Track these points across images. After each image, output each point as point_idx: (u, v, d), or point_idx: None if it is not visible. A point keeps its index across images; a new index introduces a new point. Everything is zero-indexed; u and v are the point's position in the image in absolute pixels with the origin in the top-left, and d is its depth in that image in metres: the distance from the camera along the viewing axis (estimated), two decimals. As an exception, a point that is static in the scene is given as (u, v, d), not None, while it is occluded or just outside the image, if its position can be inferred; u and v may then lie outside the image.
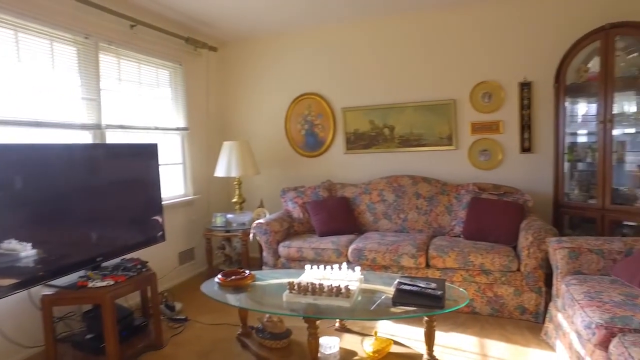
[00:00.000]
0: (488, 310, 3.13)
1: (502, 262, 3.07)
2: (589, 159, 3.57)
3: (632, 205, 3.24)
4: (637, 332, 1.84)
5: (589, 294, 2.20)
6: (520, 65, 3.90)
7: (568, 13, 3.71)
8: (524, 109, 3.92)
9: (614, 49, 3.21)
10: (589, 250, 2.57)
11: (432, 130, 4.24)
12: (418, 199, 3.98)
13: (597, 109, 3.37)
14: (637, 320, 1.89)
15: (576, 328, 2.21)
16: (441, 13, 4.10)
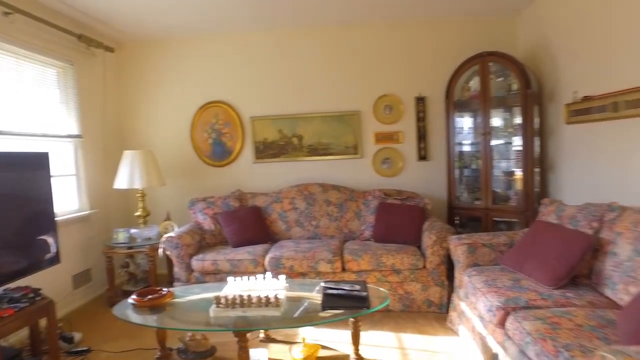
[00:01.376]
0: (400, 306, 3.39)
1: (411, 261, 3.35)
2: (473, 166, 4.10)
3: (506, 204, 3.81)
4: (524, 309, 2.17)
5: (487, 282, 2.53)
6: (416, 81, 4.33)
7: (455, 39, 4.26)
8: (419, 121, 4.35)
9: (488, 73, 3.76)
10: (482, 245, 2.95)
11: (339, 140, 4.45)
12: (329, 206, 4.14)
13: (478, 123, 3.91)
14: (523, 299, 2.24)
15: (479, 313, 2.52)
16: (346, 30, 4.35)
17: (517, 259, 2.69)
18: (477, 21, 4.25)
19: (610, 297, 2.21)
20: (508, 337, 2.15)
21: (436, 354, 2.70)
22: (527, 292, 2.31)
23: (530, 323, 1.97)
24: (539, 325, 1.92)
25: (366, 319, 3.24)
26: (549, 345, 1.77)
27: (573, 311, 2.03)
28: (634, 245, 2.11)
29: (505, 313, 2.21)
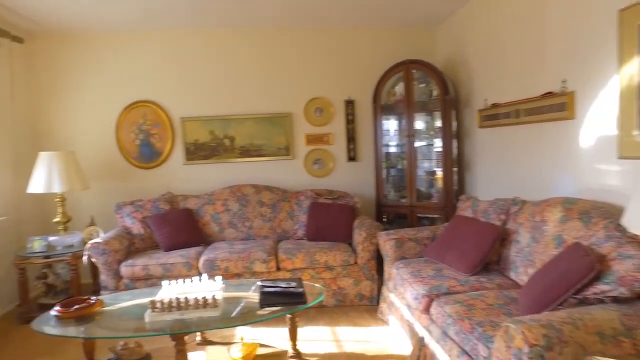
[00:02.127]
0: (334, 301, 3.53)
1: (343, 257, 3.51)
2: (399, 166, 4.38)
3: (429, 201, 4.13)
4: (446, 295, 2.41)
5: (413, 273, 2.75)
6: (346, 85, 4.52)
7: (382, 47, 4.52)
8: (349, 123, 4.55)
9: (412, 79, 4.05)
10: (409, 240, 3.19)
11: (271, 141, 4.51)
12: (262, 207, 4.18)
13: (402, 126, 4.20)
14: (445, 287, 2.48)
15: (407, 302, 2.74)
16: (279, 32, 4.42)
17: (439, 250, 2.95)
18: (401, 31, 4.55)
19: (514, 279, 2.53)
20: (432, 321, 2.37)
21: (369, 343, 2.87)
22: (448, 280, 2.56)
23: (450, 307, 2.20)
24: (458, 308, 2.15)
25: (302, 315, 3.33)
26: (466, 324, 1.99)
27: (485, 293, 2.30)
28: (532, 233, 2.44)
29: (430, 300, 2.43)
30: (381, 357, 2.69)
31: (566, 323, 1.50)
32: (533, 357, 1.44)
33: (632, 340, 1.47)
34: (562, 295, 1.74)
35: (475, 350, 1.90)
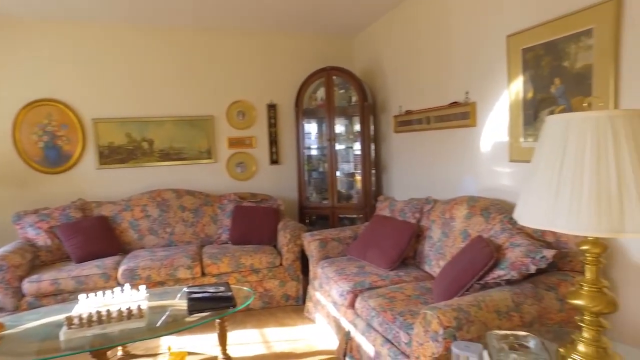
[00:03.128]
0: (260, 304, 3.57)
1: (268, 259, 3.56)
2: (321, 169, 4.54)
3: (349, 202, 4.34)
4: (369, 290, 2.58)
5: (338, 271, 2.90)
6: (268, 89, 4.57)
7: (304, 52, 4.65)
8: (271, 126, 4.61)
9: (333, 85, 4.23)
10: (332, 239, 3.34)
11: (192, 145, 4.40)
12: (184, 212, 4.07)
13: (323, 130, 4.37)
14: (367, 282, 2.66)
15: (332, 299, 2.87)
16: (201, 34, 4.33)
17: (360, 249, 3.13)
18: (323, 38, 4.72)
19: (428, 271, 2.80)
20: (357, 315, 2.53)
21: (297, 342, 2.96)
22: (370, 275, 2.75)
23: (374, 300, 2.37)
24: (381, 301, 2.33)
25: (229, 319, 3.32)
26: (389, 315, 2.17)
27: (404, 286, 2.52)
28: (442, 229, 2.72)
29: (354, 295, 2.59)
30: (309, 354, 2.80)
31: (472, 305, 1.73)
32: (447, 337, 1.64)
33: (519, 314, 1.75)
34: (469, 282, 1.99)
35: (397, 338, 2.08)
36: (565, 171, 1.24)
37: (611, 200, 1.16)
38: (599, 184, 1.18)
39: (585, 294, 1.35)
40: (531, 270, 1.84)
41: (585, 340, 1.37)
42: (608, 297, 1.34)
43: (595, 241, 1.33)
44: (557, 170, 1.26)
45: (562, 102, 2.23)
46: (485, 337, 1.58)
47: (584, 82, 2.09)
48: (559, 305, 1.84)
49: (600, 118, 1.22)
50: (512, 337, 1.55)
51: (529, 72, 2.42)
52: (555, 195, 1.25)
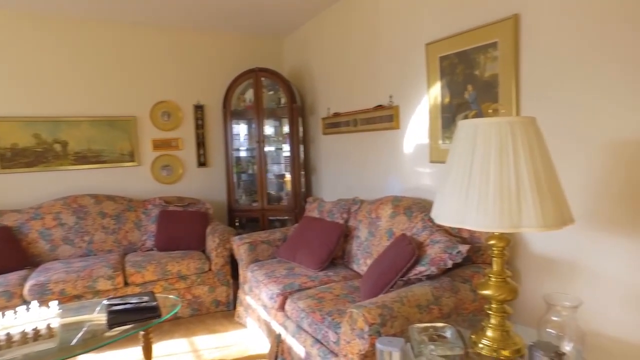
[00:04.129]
0: (189, 312, 3.44)
1: (196, 265, 3.45)
2: (250, 171, 4.49)
3: (279, 204, 4.34)
4: (298, 291, 2.60)
5: (267, 274, 2.89)
6: (195, 89, 4.43)
7: (232, 53, 4.56)
8: (198, 128, 4.46)
9: (261, 86, 4.20)
10: (262, 242, 3.32)
11: (112, 147, 4.13)
12: (104, 219, 3.81)
13: (253, 131, 4.32)
14: (297, 284, 2.68)
15: (263, 302, 2.85)
16: (122, 29, 4.07)
17: (290, 250, 3.15)
18: (251, 38, 4.66)
19: (356, 270, 2.88)
20: (287, 317, 2.53)
21: (228, 348, 2.90)
22: (300, 277, 2.77)
23: (303, 302, 2.39)
24: (310, 302, 2.35)
25: (155, 330, 3.17)
26: (318, 315, 2.21)
27: (333, 286, 2.57)
28: (369, 228, 2.82)
29: (284, 298, 2.59)
30: (241, 359, 2.75)
31: (395, 302, 1.81)
32: (372, 334, 1.70)
33: (438, 307, 1.87)
34: (393, 279, 2.08)
35: (326, 338, 2.12)
36: (474, 173, 1.34)
37: (511, 199, 1.28)
38: (501, 184, 1.30)
39: (492, 285, 1.48)
40: (448, 265, 1.97)
41: (492, 326, 1.50)
42: (511, 286, 1.47)
43: (500, 236, 1.46)
44: (468, 172, 1.36)
45: (474, 107, 2.41)
46: (407, 331, 1.67)
47: (492, 89, 2.28)
48: (473, 296, 1.99)
49: (501, 124, 1.34)
50: (432, 329, 1.65)
51: (445, 78, 2.59)
52: (465, 195, 1.35)
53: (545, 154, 1.35)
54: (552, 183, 1.33)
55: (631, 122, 1.73)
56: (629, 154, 1.74)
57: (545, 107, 2.04)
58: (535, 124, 1.38)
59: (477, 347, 1.51)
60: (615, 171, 1.80)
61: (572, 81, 1.92)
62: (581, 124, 1.90)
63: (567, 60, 1.93)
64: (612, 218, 1.82)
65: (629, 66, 1.71)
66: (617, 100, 1.77)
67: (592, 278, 1.90)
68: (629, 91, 1.73)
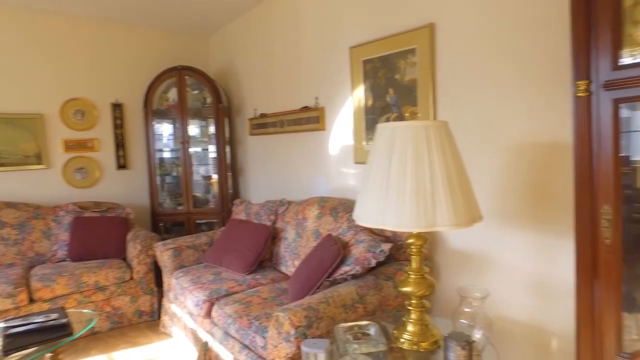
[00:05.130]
0: (108, 325, 3.20)
1: (116, 274, 3.22)
2: (175, 173, 4.29)
3: (206, 207, 4.20)
4: (225, 297, 2.53)
5: (193, 280, 2.78)
6: (112, 86, 4.12)
7: (153, 49, 4.32)
8: (117, 128, 4.17)
9: (185, 85, 4.03)
10: (187, 247, 3.18)
11: (15, 148, 3.72)
12: (3, 229, 3.42)
13: (177, 132, 4.14)
14: (224, 289, 2.61)
15: (188, 310, 2.74)
16: (28, 15, 3.66)
17: (216, 255, 3.05)
18: (174, 35, 4.45)
19: (284, 272, 2.87)
20: (214, 324, 2.45)
21: (151, 361, 2.75)
22: (227, 282, 2.69)
23: (230, 307, 2.33)
24: (237, 307, 2.30)
25: (68, 349, 2.91)
26: (245, 320, 2.16)
27: (261, 289, 2.53)
28: (296, 230, 2.82)
29: (211, 304, 2.51)
30: (165, 371, 2.63)
31: (321, 302, 1.82)
32: (298, 337, 1.70)
33: (363, 305, 1.92)
34: (319, 280, 2.10)
35: (254, 343, 2.08)
36: (392, 175, 1.39)
37: (427, 199, 1.34)
38: (417, 186, 1.35)
39: (411, 281, 1.54)
40: (372, 263, 2.03)
41: (412, 320, 1.57)
42: (428, 282, 1.55)
43: (418, 235, 1.53)
44: (386, 174, 1.40)
45: (395, 110, 2.51)
46: (333, 331, 1.69)
47: (411, 93, 2.39)
48: (396, 292, 2.07)
49: (417, 127, 1.40)
50: (357, 327, 1.69)
51: (369, 81, 2.66)
52: (384, 197, 1.40)
53: (457, 156, 1.44)
54: (463, 184, 1.41)
55: (528, 127, 1.90)
56: (527, 156, 1.92)
57: (459, 110, 2.18)
58: (447, 128, 1.46)
59: (399, 342, 1.56)
60: (517, 171, 1.96)
61: (481, 87, 2.07)
62: (489, 128, 2.06)
63: (476, 69, 2.08)
64: (515, 213, 1.99)
65: (526, 76, 1.88)
66: (517, 107, 1.93)
67: (500, 269, 2.07)
68: (525, 99, 1.90)
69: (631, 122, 1.34)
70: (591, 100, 1.33)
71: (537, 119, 1.87)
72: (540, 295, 1.93)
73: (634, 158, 1.35)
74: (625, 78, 1.25)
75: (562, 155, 1.79)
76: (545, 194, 1.88)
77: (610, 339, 1.35)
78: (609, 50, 1.27)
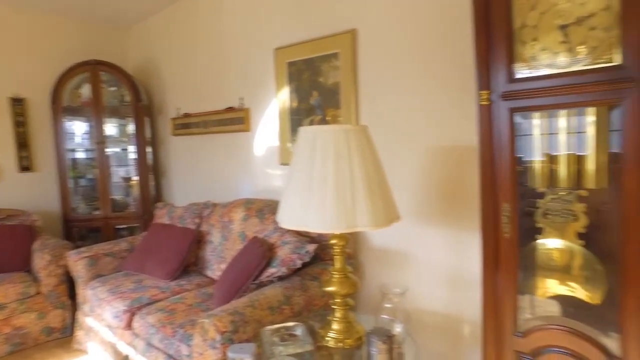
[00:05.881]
0: (8, 348, 2.87)
1: (18, 290, 2.92)
2: (90, 175, 3.98)
3: (126, 211, 3.96)
4: (148, 305, 2.41)
5: (111, 290, 2.61)
6: (10, 79, 3.71)
7: (63, 41, 3.94)
8: (19, 126, 3.77)
9: (100, 81, 3.76)
10: (104, 255, 2.98)
11: None
12: None
13: (92, 131, 3.85)
14: (146, 297, 2.48)
15: (107, 322, 2.57)
16: None
17: (138, 261, 2.90)
18: (88, 25, 4.11)
19: (210, 276, 2.80)
20: (136, 335, 2.33)
21: (62, 381, 2.53)
22: (149, 289, 2.57)
23: (153, 316, 2.23)
24: (160, 316, 2.20)
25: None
26: (168, 329, 2.08)
27: (185, 295, 2.45)
28: (222, 232, 2.77)
29: (132, 314, 2.38)
30: (79, 390, 2.44)
31: (247, 306, 1.81)
32: (224, 342, 1.67)
33: (290, 306, 1.94)
34: (245, 283, 2.08)
35: (179, 352, 2.01)
36: (314, 177, 1.42)
37: (347, 201, 1.39)
38: (338, 188, 1.40)
39: (335, 281, 1.59)
40: (298, 265, 2.05)
41: (337, 319, 1.62)
42: (351, 281, 1.60)
43: (340, 235, 1.57)
44: (308, 177, 1.43)
45: (319, 113, 2.56)
46: (260, 334, 1.69)
47: (335, 96, 2.45)
48: (321, 292, 2.11)
49: (338, 131, 1.44)
50: (283, 329, 1.70)
51: (294, 83, 2.68)
52: (307, 199, 1.42)
53: (376, 159, 1.51)
54: (382, 186, 1.49)
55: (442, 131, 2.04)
56: (442, 158, 2.06)
57: (379, 114, 2.28)
58: (367, 132, 1.52)
59: (325, 341, 1.60)
60: (433, 173, 2.10)
61: (400, 93, 2.18)
62: (408, 131, 2.18)
63: (396, 75, 2.19)
64: (432, 212, 2.13)
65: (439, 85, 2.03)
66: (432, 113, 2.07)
67: (419, 264, 2.20)
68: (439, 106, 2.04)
69: (525, 128, 1.50)
70: (492, 108, 1.46)
71: (450, 124, 2.02)
72: (454, 287, 2.09)
73: (527, 158, 1.51)
74: (518, 90, 1.39)
75: (472, 158, 1.95)
76: (458, 194, 2.03)
77: (509, 320, 1.50)
78: (504, 65, 1.40)
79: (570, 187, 1.42)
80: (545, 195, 1.48)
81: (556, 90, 1.32)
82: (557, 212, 1.45)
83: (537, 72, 1.37)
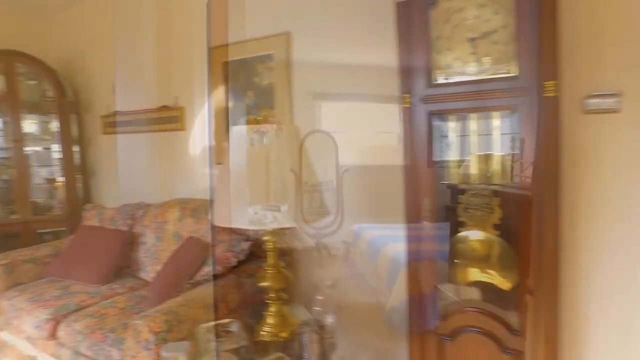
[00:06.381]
0: None
1: None
2: (5, 176, 3.68)
3: (50, 214, 3.71)
4: (75, 312, 2.30)
5: (32, 299, 2.45)
6: None
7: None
8: None
9: (17, 74, 3.49)
10: (23, 262, 2.79)
11: None
12: None
13: (7, 127, 3.55)
14: (73, 304, 2.37)
15: (26, 334, 2.41)
16: None
17: (64, 266, 2.75)
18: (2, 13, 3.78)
19: (144, 278, 2.72)
20: (61, 345, 2.22)
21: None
22: (77, 295, 2.45)
23: (80, 323, 2.14)
24: (89, 322, 2.12)
25: None
26: (98, 335, 2.02)
27: (117, 299, 2.37)
28: (156, 233, 2.71)
29: (56, 323, 2.26)
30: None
31: (182, 305, 1.81)
32: (158, 343, 1.66)
33: (225, 304, 1.96)
34: (181, 282, 2.07)
35: (109, 358, 1.95)
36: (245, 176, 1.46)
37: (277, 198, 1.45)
38: (267, 185, 1.45)
39: (269, 276, 1.64)
40: (233, 262, 2.08)
41: (272, 313, 1.67)
42: (284, 275, 1.67)
43: (272, 232, 1.63)
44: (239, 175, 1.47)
45: (254, 112, 2.58)
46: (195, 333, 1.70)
47: (269, 97, 2.50)
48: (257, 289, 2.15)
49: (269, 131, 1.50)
50: (219, 326, 1.72)
51: (229, 83, 2.69)
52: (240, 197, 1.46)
53: (305, 158, 1.58)
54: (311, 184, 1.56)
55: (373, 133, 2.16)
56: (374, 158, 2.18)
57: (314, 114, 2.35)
58: (297, 132, 1.59)
59: (260, 335, 1.65)
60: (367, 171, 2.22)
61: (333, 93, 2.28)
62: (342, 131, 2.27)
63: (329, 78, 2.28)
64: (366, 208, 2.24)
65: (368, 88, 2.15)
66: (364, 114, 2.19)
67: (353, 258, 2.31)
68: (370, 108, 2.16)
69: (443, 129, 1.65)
70: (413, 111, 1.59)
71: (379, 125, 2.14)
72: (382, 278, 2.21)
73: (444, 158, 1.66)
74: (435, 94, 1.53)
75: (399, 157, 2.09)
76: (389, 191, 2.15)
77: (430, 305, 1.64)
78: (423, 72, 1.54)
79: (483, 183, 1.58)
80: (466, 191, 1.63)
81: (466, 96, 1.47)
82: (477, 206, 1.60)
83: (452, 79, 1.51)
